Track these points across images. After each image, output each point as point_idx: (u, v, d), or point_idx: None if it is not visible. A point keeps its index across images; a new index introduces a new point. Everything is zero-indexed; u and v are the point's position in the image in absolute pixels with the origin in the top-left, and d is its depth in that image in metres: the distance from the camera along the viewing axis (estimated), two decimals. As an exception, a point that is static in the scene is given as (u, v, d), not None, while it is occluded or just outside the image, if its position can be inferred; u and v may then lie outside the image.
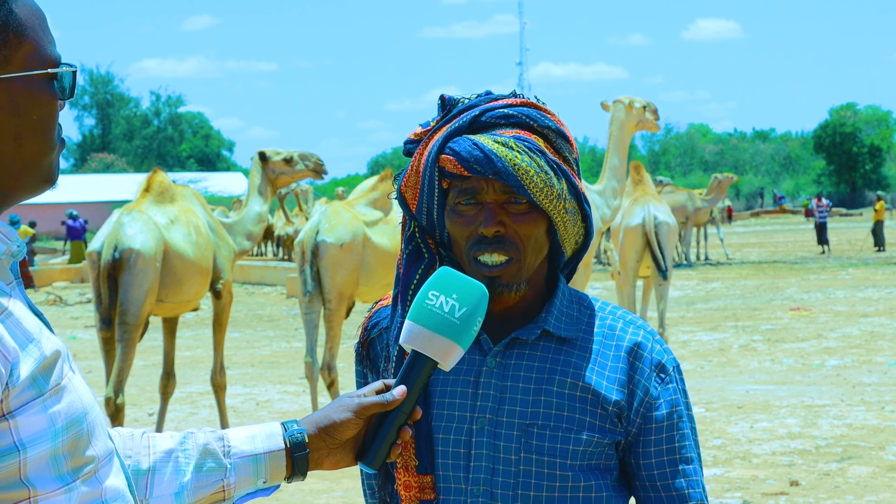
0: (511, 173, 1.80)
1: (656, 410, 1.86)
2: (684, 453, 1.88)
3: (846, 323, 14.67)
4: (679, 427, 1.88)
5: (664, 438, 1.86)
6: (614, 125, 9.87)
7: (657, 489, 1.87)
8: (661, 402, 1.86)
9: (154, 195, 8.12)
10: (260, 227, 8.81)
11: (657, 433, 1.86)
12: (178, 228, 7.86)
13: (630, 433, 1.86)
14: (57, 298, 21.91)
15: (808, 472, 7.27)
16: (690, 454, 1.88)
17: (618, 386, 1.85)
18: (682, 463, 1.87)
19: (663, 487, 1.87)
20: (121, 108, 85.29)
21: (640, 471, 1.87)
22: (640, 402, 1.85)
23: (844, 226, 42.25)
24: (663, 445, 1.86)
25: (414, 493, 1.86)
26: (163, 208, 8.00)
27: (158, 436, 1.65)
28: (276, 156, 8.86)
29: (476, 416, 1.85)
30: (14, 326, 1.33)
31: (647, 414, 1.86)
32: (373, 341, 1.98)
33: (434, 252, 1.92)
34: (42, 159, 1.42)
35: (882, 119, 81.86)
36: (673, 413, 1.87)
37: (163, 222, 7.84)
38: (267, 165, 8.84)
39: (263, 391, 10.81)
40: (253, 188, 8.90)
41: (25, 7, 1.41)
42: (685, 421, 1.89)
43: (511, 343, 1.88)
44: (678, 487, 1.87)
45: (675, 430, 1.87)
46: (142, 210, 7.87)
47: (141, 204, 7.98)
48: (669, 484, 1.87)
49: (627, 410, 1.85)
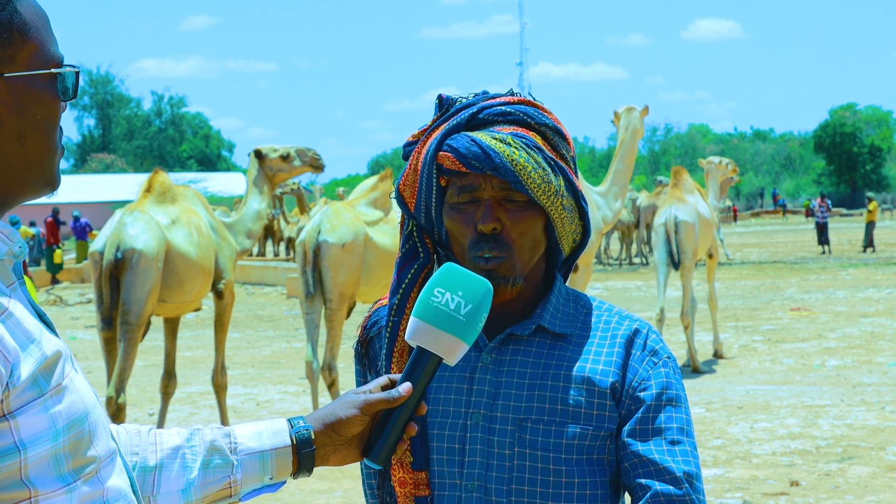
0: (509, 169, 1.81)
1: (646, 391, 1.84)
2: (670, 434, 1.82)
3: (846, 323, 14.68)
4: (667, 409, 1.83)
5: (651, 418, 1.83)
6: (628, 132, 10.08)
7: (645, 464, 1.81)
8: (650, 384, 1.84)
9: (155, 195, 8.12)
10: (259, 225, 8.82)
11: (645, 412, 1.83)
12: (179, 228, 7.87)
13: (621, 415, 1.84)
14: (57, 298, 21.91)
15: (808, 472, 7.28)
16: (678, 437, 1.82)
17: (613, 369, 1.84)
18: (668, 444, 1.81)
19: (651, 462, 1.80)
20: (121, 108, 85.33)
21: (625, 449, 1.82)
22: (631, 383, 1.84)
23: (844, 226, 42.26)
24: (650, 425, 1.82)
25: (409, 489, 1.87)
26: (164, 208, 8.01)
27: (165, 432, 1.65)
28: (273, 153, 8.86)
29: (471, 411, 1.86)
30: (14, 327, 1.33)
31: (637, 394, 1.84)
32: (371, 340, 1.99)
33: (431, 251, 1.93)
34: (44, 160, 1.43)
35: (882, 119, 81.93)
36: (663, 394, 1.84)
37: (164, 222, 7.85)
38: (264, 163, 8.84)
39: (264, 391, 10.81)
40: (251, 186, 8.91)
41: (29, 7, 1.42)
42: (676, 405, 1.84)
43: (506, 339, 1.88)
44: (665, 463, 1.80)
45: (663, 411, 1.83)
46: (144, 210, 7.87)
47: (143, 204, 7.99)
48: (656, 459, 1.80)
49: (620, 391, 1.84)
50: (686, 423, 1.85)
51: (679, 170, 12.63)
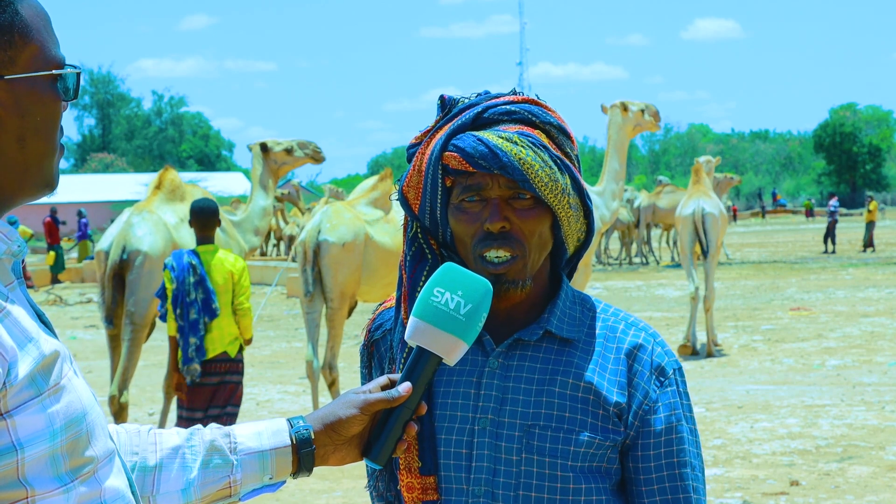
0: (517, 168, 1.80)
1: (654, 414, 1.84)
2: (682, 457, 1.85)
3: (846, 323, 14.68)
4: (678, 431, 1.85)
5: (662, 442, 1.84)
6: (612, 129, 10.12)
7: (653, 493, 1.85)
8: (659, 406, 1.85)
9: (165, 193, 8.23)
10: (266, 222, 8.98)
11: (656, 437, 1.84)
12: (187, 228, 7.92)
13: (629, 436, 1.84)
14: (57, 298, 21.90)
15: (808, 472, 7.28)
16: (690, 459, 1.86)
17: (618, 388, 1.84)
18: (680, 467, 1.85)
19: (659, 491, 1.84)
20: (121, 108, 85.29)
21: (637, 475, 1.85)
22: (639, 405, 1.84)
23: (845, 226, 42.25)
24: (661, 449, 1.84)
25: (417, 494, 1.86)
26: (173, 206, 8.11)
27: (165, 432, 1.65)
28: (277, 146, 9.05)
29: (478, 416, 1.85)
30: (13, 326, 1.33)
31: (646, 417, 1.84)
32: (377, 343, 1.98)
33: (437, 253, 1.92)
34: (44, 161, 1.42)
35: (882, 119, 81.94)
36: (672, 416, 1.85)
37: (172, 222, 7.94)
38: (268, 156, 9.01)
39: (263, 391, 10.81)
40: (255, 182, 9.05)
41: (30, 8, 1.41)
42: (684, 424, 1.87)
43: (513, 344, 1.87)
44: (675, 493, 1.84)
45: (674, 434, 1.85)
46: (152, 210, 7.96)
47: (151, 203, 8.07)
48: (666, 487, 1.84)
49: (627, 413, 1.84)
50: (694, 443, 1.88)
51: (699, 168, 13.55)
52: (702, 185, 13.25)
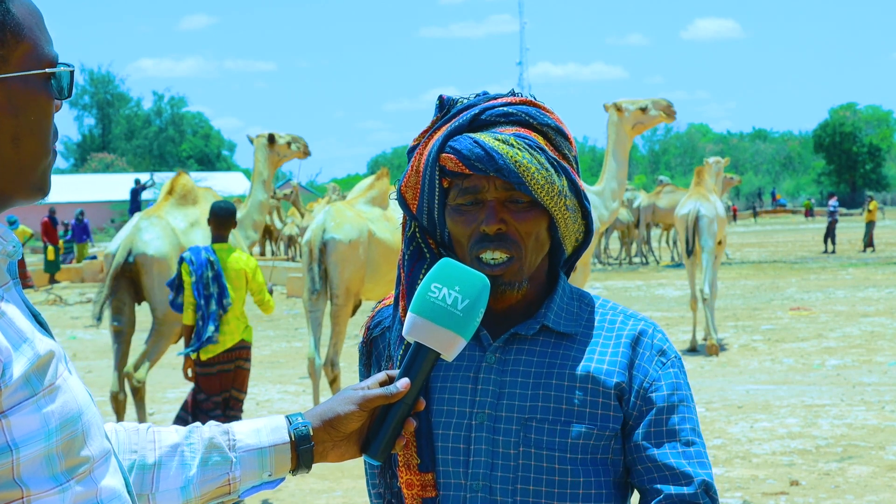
0: (512, 170, 1.80)
1: (656, 392, 1.84)
2: (684, 436, 1.83)
3: (846, 323, 14.68)
4: (679, 410, 1.84)
5: (664, 420, 1.83)
6: (610, 129, 10.13)
7: (660, 469, 1.81)
8: (661, 384, 1.84)
9: (177, 198, 8.53)
10: (264, 215, 9.32)
11: (657, 413, 1.83)
12: (197, 231, 8.24)
13: (631, 416, 1.83)
14: (57, 298, 21.90)
15: (808, 471, 7.27)
16: (692, 437, 1.84)
17: (619, 369, 1.84)
18: (683, 445, 1.83)
19: (666, 467, 1.81)
20: (121, 107, 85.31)
21: (639, 452, 1.82)
22: (641, 384, 1.84)
23: (845, 226, 42.26)
24: (663, 427, 1.83)
25: (416, 490, 1.86)
26: (184, 211, 8.41)
27: (164, 430, 1.65)
28: (281, 139, 9.45)
29: (475, 411, 1.85)
30: (7, 326, 1.32)
31: (648, 395, 1.84)
32: (375, 340, 1.99)
33: (435, 252, 1.93)
34: (38, 162, 1.41)
35: (882, 119, 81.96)
36: (674, 395, 1.84)
37: (181, 227, 8.25)
38: (273, 148, 9.40)
39: (263, 391, 10.81)
40: (256, 175, 9.50)
41: (22, 7, 1.40)
42: (686, 406, 1.86)
43: (510, 339, 1.88)
44: (681, 467, 1.81)
45: (676, 413, 1.84)
46: (161, 216, 8.28)
47: (161, 208, 8.42)
48: (672, 464, 1.81)
49: (628, 392, 1.84)
50: (696, 424, 1.87)
51: (701, 169, 13.81)
52: (703, 186, 13.40)
